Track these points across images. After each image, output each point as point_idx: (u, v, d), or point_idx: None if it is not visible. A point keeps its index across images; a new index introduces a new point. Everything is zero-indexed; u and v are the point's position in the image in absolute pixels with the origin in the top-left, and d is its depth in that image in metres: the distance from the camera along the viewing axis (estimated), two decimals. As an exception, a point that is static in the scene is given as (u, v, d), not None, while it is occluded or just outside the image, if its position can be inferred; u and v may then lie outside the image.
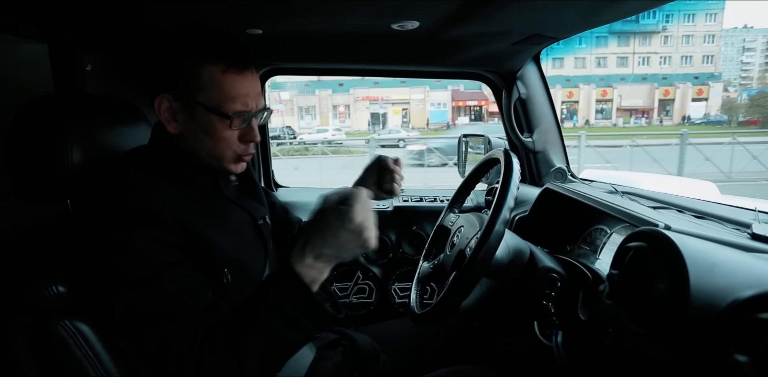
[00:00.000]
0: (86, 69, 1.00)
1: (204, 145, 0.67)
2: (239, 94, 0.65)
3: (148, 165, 0.66)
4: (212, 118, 0.65)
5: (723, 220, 0.78)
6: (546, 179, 1.36)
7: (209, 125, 0.65)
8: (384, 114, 32.10)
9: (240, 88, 0.65)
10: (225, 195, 0.74)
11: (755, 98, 35.71)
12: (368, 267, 1.52)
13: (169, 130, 0.67)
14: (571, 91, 33.51)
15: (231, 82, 0.64)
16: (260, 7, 0.82)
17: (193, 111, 0.65)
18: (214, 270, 0.66)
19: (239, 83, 0.65)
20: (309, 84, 31.73)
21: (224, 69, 0.63)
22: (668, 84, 35.00)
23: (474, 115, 33.64)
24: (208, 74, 0.63)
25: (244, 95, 0.65)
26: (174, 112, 0.65)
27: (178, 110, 0.65)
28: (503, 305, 0.92)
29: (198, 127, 0.66)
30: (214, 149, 0.67)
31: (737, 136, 6.98)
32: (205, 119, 0.65)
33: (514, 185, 0.72)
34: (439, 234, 0.97)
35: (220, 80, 0.63)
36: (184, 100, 0.65)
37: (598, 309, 0.72)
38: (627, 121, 33.91)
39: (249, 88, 0.66)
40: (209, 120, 0.65)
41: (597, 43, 35.70)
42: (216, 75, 0.63)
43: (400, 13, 0.84)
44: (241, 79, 0.65)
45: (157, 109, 0.65)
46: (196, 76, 0.63)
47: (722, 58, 52.73)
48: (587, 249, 0.97)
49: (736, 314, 0.48)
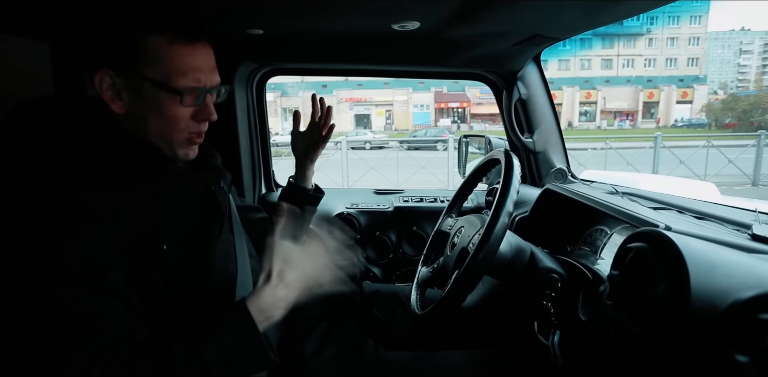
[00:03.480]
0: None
1: (152, 126, 0.62)
2: (190, 68, 0.60)
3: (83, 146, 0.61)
4: (161, 95, 0.60)
5: (723, 221, 0.78)
6: (546, 180, 1.36)
7: (158, 103, 0.60)
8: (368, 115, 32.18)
9: (191, 60, 0.60)
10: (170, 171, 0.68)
11: (727, 101, 36.03)
12: (368, 268, 1.52)
13: (114, 109, 0.61)
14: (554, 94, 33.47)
15: (180, 54, 0.59)
16: (261, 8, 0.82)
17: (139, 88, 0.59)
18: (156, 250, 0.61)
19: (189, 56, 0.60)
20: (294, 85, 31.72)
21: (171, 40, 0.58)
22: (653, 86, 35.17)
23: (456, 116, 33.74)
24: (153, 46, 0.58)
25: (196, 69, 0.60)
26: (118, 89, 0.60)
27: (123, 87, 0.60)
28: (504, 305, 0.92)
29: (145, 105, 0.60)
30: (164, 130, 0.63)
31: (712, 140, 7.02)
32: (153, 96, 0.60)
33: (516, 178, 0.72)
34: (437, 238, 0.96)
35: (167, 52, 0.58)
36: (128, 75, 0.59)
37: (598, 310, 0.72)
38: (611, 124, 34.06)
39: (201, 61, 0.61)
40: (158, 97, 0.60)
41: (581, 46, 35.85)
42: (162, 46, 0.58)
43: (401, 13, 0.84)
44: (192, 51, 0.60)
45: (99, 86, 0.59)
46: (141, 48, 0.58)
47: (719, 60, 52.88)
48: (588, 249, 0.97)
49: (736, 315, 0.48)
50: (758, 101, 33.97)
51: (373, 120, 32.58)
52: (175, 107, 0.61)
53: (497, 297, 1.02)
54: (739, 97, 36.15)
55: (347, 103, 32.35)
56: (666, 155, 6.96)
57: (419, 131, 20.58)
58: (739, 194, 5.81)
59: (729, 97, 37.60)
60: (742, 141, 7.90)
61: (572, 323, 0.77)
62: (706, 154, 6.89)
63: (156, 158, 0.65)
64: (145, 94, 0.60)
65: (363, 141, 14.41)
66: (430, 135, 16.39)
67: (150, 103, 0.60)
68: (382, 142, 14.28)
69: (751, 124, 29.74)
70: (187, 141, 0.65)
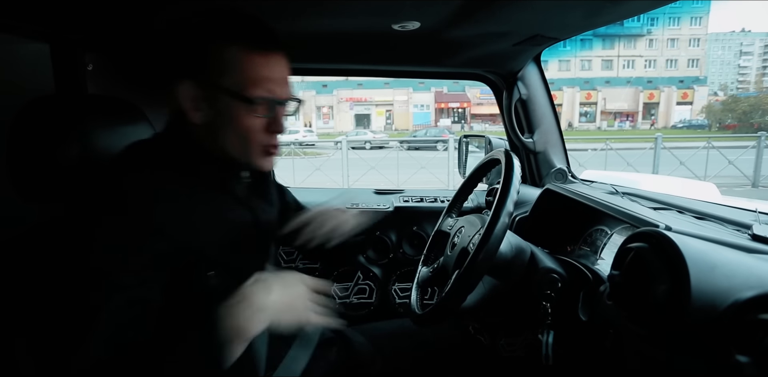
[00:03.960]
0: (87, 69, 1.00)
1: (230, 138, 0.63)
2: (263, 78, 0.61)
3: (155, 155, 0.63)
4: (235, 105, 0.61)
5: (723, 221, 0.78)
6: (546, 180, 1.36)
7: (232, 112, 0.61)
8: (368, 115, 32.15)
9: (264, 71, 0.61)
10: (232, 192, 0.69)
11: (727, 102, 36.06)
12: (369, 268, 1.52)
13: (193, 119, 0.62)
14: (554, 94, 33.44)
15: (254, 64, 0.61)
16: (261, 8, 0.82)
17: (215, 98, 0.61)
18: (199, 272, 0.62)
19: (263, 66, 0.61)
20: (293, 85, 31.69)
21: (248, 49, 0.60)
22: (653, 87, 35.18)
23: (457, 116, 33.73)
24: (230, 55, 0.60)
25: (269, 80, 0.62)
26: (198, 100, 0.62)
27: (201, 98, 0.62)
28: (504, 305, 0.92)
29: (221, 116, 0.62)
30: (240, 142, 0.63)
31: (713, 141, 7.01)
32: (228, 106, 0.61)
33: (517, 178, 0.72)
34: (437, 238, 0.96)
35: (243, 61, 0.60)
36: (206, 85, 0.61)
37: (598, 310, 0.72)
38: (611, 124, 34.04)
39: (275, 72, 0.63)
40: (232, 106, 0.61)
41: (582, 46, 35.89)
42: (239, 55, 0.60)
43: (401, 13, 0.84)
44: (266, 61, 0.62)
45: (181, 97, 0.61)
46: (218, 58, 0.60)
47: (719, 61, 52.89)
48: (588, 249, 0.97)
49: (736, 315, 0.48)
50: (758, 102, 34.01)
51: (373, 120, 32.61)
52: (248, 117, 0.62)
53: (497, 297, 1.02)
54: (739, 99, 36.17)
55: (347, 102, 32.40)
56: (666, 156, 6.97)
57: (419, 131, 20.59)
58: (739, 195, 5.80)
59: (729, 99, 37.66)
60: (743, 142, 7.90)
61: (572, 323, 0.77)
62: (706, 155, 6.90)
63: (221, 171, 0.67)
64: (221, 105, 0.61)
65: (363, 141, 14.45)
66: (430, 135, 16.41)
67: (225, 113, 0.62)
68: (383, 142, 14.33)
69: (751, 126, 29.78)
70: (263, 153, 0.66)
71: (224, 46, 0.60)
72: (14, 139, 0.67)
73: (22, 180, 0.68)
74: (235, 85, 0.60)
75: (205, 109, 0.62)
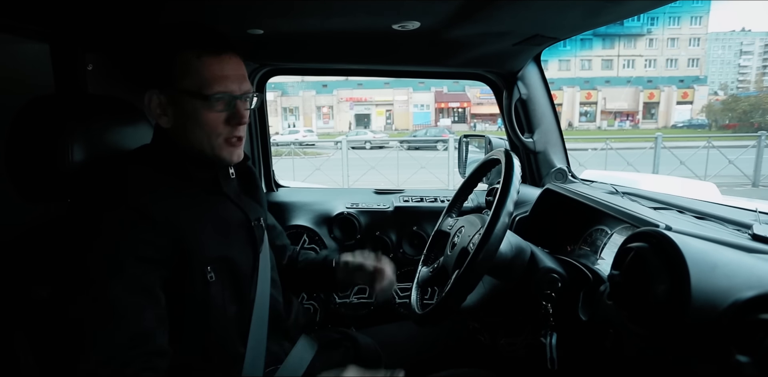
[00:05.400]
0: (87, 69, 1.00)
1: (196, 136, 0.69)
2: (217, 76, 0.66)
3: (148, 161, 0.69)
4: (195, 104, 0.66)
5: (724, 221, 0.78)
6: (546, 179, 1.35)
7: (194, 111, 0.67)
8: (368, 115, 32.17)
9: (217, 70, 0.67)
10: (223, 192, 0.75)
11: (727, 102, 35.97)
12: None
13: (161, 124, 0.69)
14: (554, 94, 33.41)
15: (207, 65, 0.66)
16: (261, 8, 0.82)
17: (178, 101, 0.67)
18: (197, 268, 0.66)
19: (216, 65, 0.67)
20: (294, 85, 31.76)
21: (199, 54, 0.66)
22: (653, 87, 35.10)
23: (457, 116, 33.71)
24: (184, 61, 0.66)
25: (223, 77, 0.67)
26: (163, 106, 0.68)
27: (166, 104, 0.68)
28: (504, 305, 0.92)
29: (185, 116, 0.68)
30: (203, 135, 0.69)
31: (713, 141, 7.02)
32: (190, 107, 0.67)
33: (517, 178, 0.72)
34: (437, 238, 0.96)
35: (196, 65, 0.66)
36: (168, 91, 0.67)
37: (598, 310, 0.72)
38: (611, 124, 33.95)
39: (228, 70, 0.68)
40: (193, 106, 0.67)
41: (582, 46, 35.80)
42: (192, 60, 0.66)
43: (401, 13, 0.84)
44: (218, 61, 0.67)
45: (148, 105, 0.68)
46: (175, 65, 0.66)
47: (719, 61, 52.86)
48: (588, 249, 0.97)
49: (737, 315, 0.48)
50: (758, 102, 33.97)
51: (374, 120, 32.57)
52: (208, 113, 0.67)
53: (497, 297, 1.02)
54: (739, 98, 36.14)
55: (347, 102, 32.37)
56: (666, 156, 6.96)
57: (419, 131, 20.58)
58: (739, 195, 5.81)
59: (729, 98, 37.61)
60: (743, 142, 7.89)
61: (572, 323, 0.77)
62: (706, 155, 6.89)
63: (209, 170, 0.73)
64: (184, 106, 0.67)
65: (363, 140, 14.45)
66: (430, 135, 16.40)
67: (188, 112, 0.67)
68: (383, 142, 14.32)
69: (751, 125, 29.72)
70: (225, 143, 0.71)
71: (178, 54, 0.66)
72: (14, 139, 0.67)
73: (22, 179, 0.68)
74: (193, 86, 0.66)
75: (170, 113, 0.68)
